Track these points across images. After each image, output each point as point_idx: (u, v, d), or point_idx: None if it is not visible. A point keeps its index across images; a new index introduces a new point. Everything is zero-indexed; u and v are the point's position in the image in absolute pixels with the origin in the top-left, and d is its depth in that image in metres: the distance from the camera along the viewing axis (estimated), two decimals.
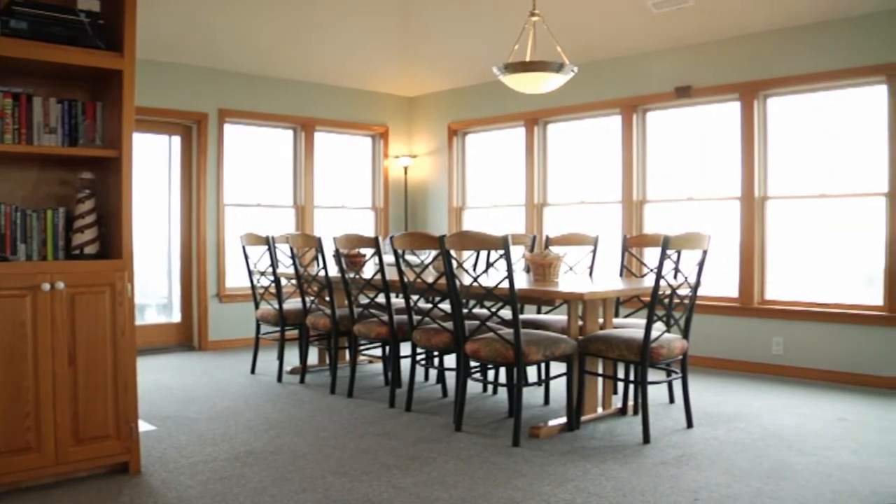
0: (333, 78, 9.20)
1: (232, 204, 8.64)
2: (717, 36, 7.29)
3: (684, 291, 5.12)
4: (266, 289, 6.80)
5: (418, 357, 5.70)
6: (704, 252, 4.99)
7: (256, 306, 6.99)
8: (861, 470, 4.22)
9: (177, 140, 8.40)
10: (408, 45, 8.75)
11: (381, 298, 5.78)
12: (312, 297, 6.53)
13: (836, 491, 3.88)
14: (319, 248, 6.20)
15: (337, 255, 5.99)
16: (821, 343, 6.72)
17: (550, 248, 6.41)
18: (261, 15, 7.67)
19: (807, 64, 6.84)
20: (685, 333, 5.09)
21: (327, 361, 6.95)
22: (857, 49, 6.57)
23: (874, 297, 6.58)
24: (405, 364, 6.84)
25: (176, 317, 8.46)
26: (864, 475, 4.13)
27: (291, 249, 6.39)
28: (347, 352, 6.67)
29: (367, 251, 6.11)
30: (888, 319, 6.41)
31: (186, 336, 8.43)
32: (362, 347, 6.37)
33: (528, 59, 5.93)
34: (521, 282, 5.25)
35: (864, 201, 6.66)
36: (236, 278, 8.41)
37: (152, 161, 8.27)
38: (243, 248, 6.93)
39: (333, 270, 6.24)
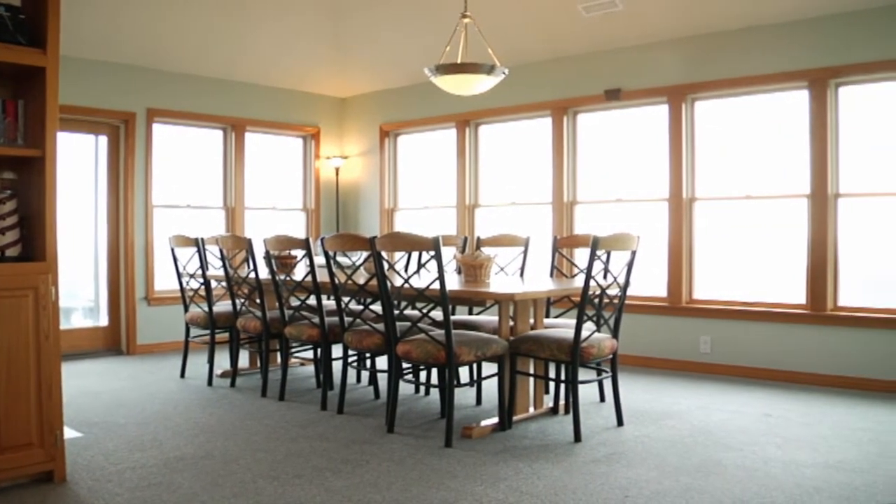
0: (265, 78, 9.12)
1: (161, 205, 8.50)
2: (646, 40, 7.40)
3: (614, 291, 5.18)
4: (196, 291, 6.72)
5: (350, 359, 5.67)
6: (633, 252, 5.06)
7: (186, 309, 6.89)
8: (785, 464, 4.33)
9: (104, 140, 8.22)
10: (340, 46, 8.71)
11: (312, 300, 5.75)
12: (243, 300, 6.47)
13: (762, 485, 3.97)
14: (250, 250, 6.14)
15: (267, 257, 5.94)
16: (747, 341, 6.87)
17: (482, 249, 6.44)
18: (191, 13, 7.57)
19: (733, 68, 6.98)
20: (615, 333, 5.15)
21: (258, 364, 6.89)
22: (782, 55, 6.74)
23: (797, 295, 6.75)
24: (337, 366, 6.81)
25: (103, 320, 8.28)
26: (788, 469, 4.24)
27: (221, 251, 6.31)
28: (279, 354, 6.63)
29: (298, 253, 6.06)
30: (810, 317, 6.59)
31: (114, 340, 8.27)
32: (294, 350, 6.31)
33: (459, 60, 5.94)
34: (453, 283, 5.26)
35: (788, 202, 6.82)
36: (165, 281, 8.27)
37: (78, 161, 8.09)
38: (172, 250, 6.82)
39: (264, 272, 6.18)
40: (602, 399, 5.85)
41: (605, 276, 5.29)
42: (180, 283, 6.81)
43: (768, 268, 6.99)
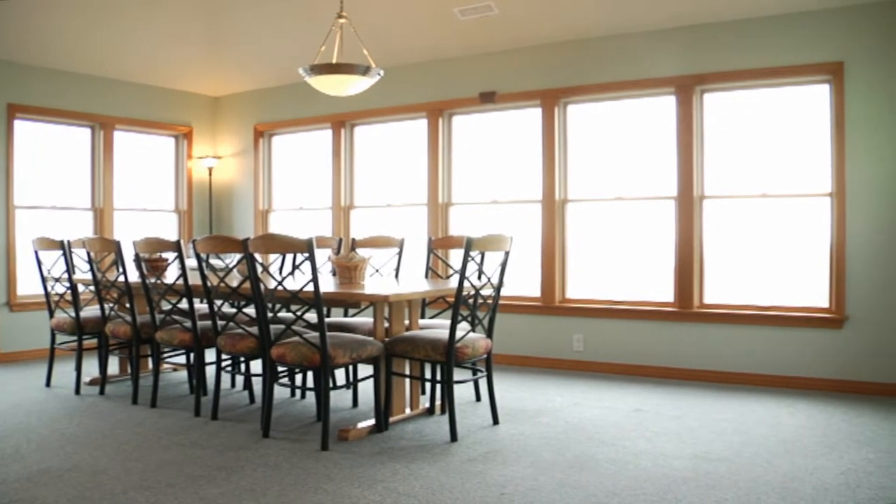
0: (135, 75, 8.86)
1: (23, 206, 8.15)
2: (520, 44, 7.52)
3: (488, 292, 5.25)
4: (61, 296, 6.48)
5: (224, 363, 5.58)
6: (507, 253, 5.13)
7: (51, 315, 6.63)
8: (655, 456, 4.48)
9: None
10: (213, 43, 8.53)
11: (184, 304, 5.63)
12: (112, 304, 6.27)
13: (633, 477, 4.10)
14: (119, 253, 5.96)
15: (137, 260, 5.78)
16: (618, 338, 7.07)
17: (356, 250, 6.42)
18: (58, 6, 7.29)
19: (602, 74, 7.18)
20: (489, 333, 5.22)
21: (129, 371, 6.70)
22: (650, 62, 6.98)
23: (666, 294, 6.97)
24: (210, 371, 6.67)
25: None
26: (657, 461, 4.39)
27: (89, 254, 6.11)
28: (150, 360, 6.46)
29: (170, 255, 5.93)
30: (678, 315, 6.83)
31: None
32: (165, 355, 6.16)
33: (334, 61, 5.91)
34: (327, 285, 5.23)
35: (656, 204, 7.05)
36: (29, 285, 7.94)
37: None
38: (36, 252, 6.56)
39: (134, 276, 6.01)
40: (478, 398, 5.91)
41: (479, 277, 5.35)
42: (45, 288, 6.56)
43: (638, 267, 7.20)
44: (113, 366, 6.99)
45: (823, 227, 6.41)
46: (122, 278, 5.93)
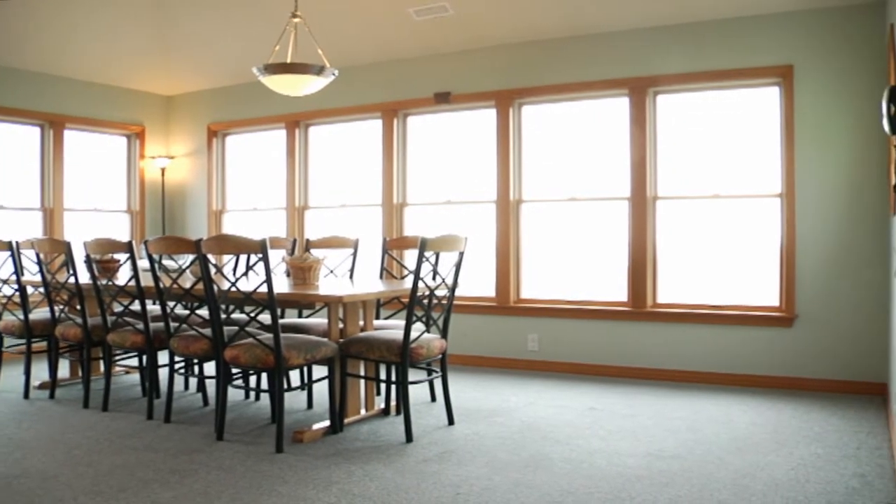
0: (85, 73, 8.73)
1: None
2: (475, 45, 7.54)
3: (443, 292, 5.25)
4: (10, 298, 6.37)
5: (177, 366, 5.52)
6: (461, 254, 5.14)
7: None
8: (609, 454, 4.51)
9: None
10: (165, 41, 8.43)
11: (136, 306, 5.56)
12: (62, 307, 6.18)
13: (587, 476, 4.13)
14: (69, 254, 5.87)
15: (88, 261, 5.70)
16: (573, 338, 7.12)
17: (311, 251, 6.40)
18: (4, 2, 7.16)
19: (558, 75, 7.22)
20: (444, 333, 5.22)
21: (80, 374, 6.61)
22: (603, 63, 7.04)
23: (620, 293, 7.03)
24: (163, 373, 6.60)
25: None
26: (611, 459, 4.43)
27: (38, 255, 6.02)
28: (101, 363, 6.37)
29: (122, 256, 5.85)
30: (632, 314, 6.89)
31: None
32: (117, 358, 6.08)
33: (289, 60, 5.88)
34: (281, 286, 5.20)
35: (610, 205, 7.10)
36: None
37: None
38: None
39: (85, 277, 5.93)
40: (433, 399, 5.92)
41: (433, 278, 5.35)
42: None
43: (593, 267, 7.25)
44: (63, 369, 6.90)
45: (774, 227, 6.51)
46: (72, 280, 5.84)
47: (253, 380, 6.09)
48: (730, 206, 6.69)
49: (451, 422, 5.25)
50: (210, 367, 6.50)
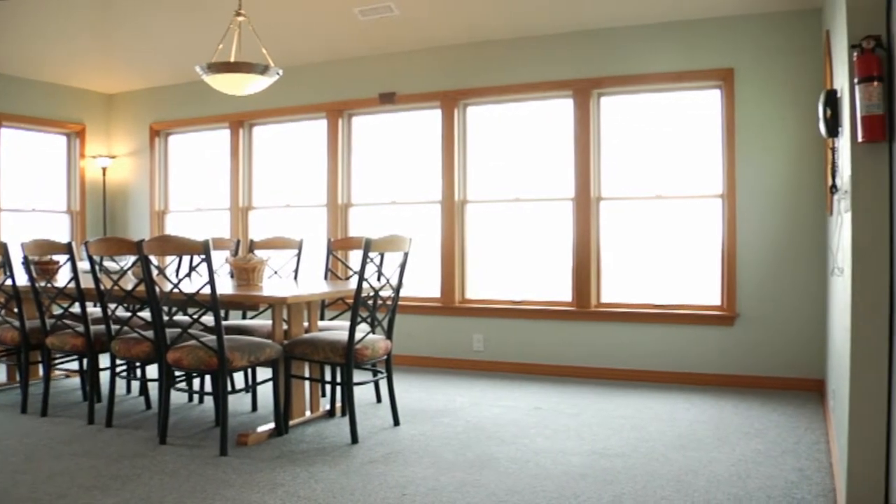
0: (24, 69, 8.54)
1: None
2: (420, 45, 7.54)
3: (388, 293, 5.25)
4: None
5: (118, 369, 5.44)
6: (406, 254, 5.14)
7: None
8: (554, 453, 4.55)
9: None
10: (106, 38, 8.28)
11: (76, 308, 5.47)
12: None
13: (533, 475, 4.16)
14: (6, 255, 5.75)
15: (26, 263, 5.59)
16: (518, 338, 7.15)
17: (255, 252, 6.35)
18: None
19: (503, 76, 7.25)
20: (389, 334, 5.22)
21: (17, 378, 6.47)
22: (548, 65, 7.08)
23: (564, 293, 7.08)
24: (104, 377, 6.49)
25: None
26: (556, 458, 4.46)
27: None
28: (40, 367, 6.24)
29: (61, 258, 5.75)
30: (576, 314, 6.95)
31: None
32: (57, 361, 5.98)
33: (232, 59, 5.83)
34: (225, 287, 5.16)
35: (555, 205, 7.15)
36: None
37: None
38: None
39: (23, 279, 5.81)
40: (378, 400, 5.91)
41: (378, 278, 5.34)
42: None
43: (538, 268, 7.29)
44: (0, 374, 6.74)
45: (715, 227, 6.61)
46: (9, 282, 5.72)
47: (196, 382, 6.03)
48: (672, 207, 6.78)
49: (396, 422, 5.25)
50: (152, 370, 6.44)
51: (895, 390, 3.14)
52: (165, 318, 4.85)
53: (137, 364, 5.86)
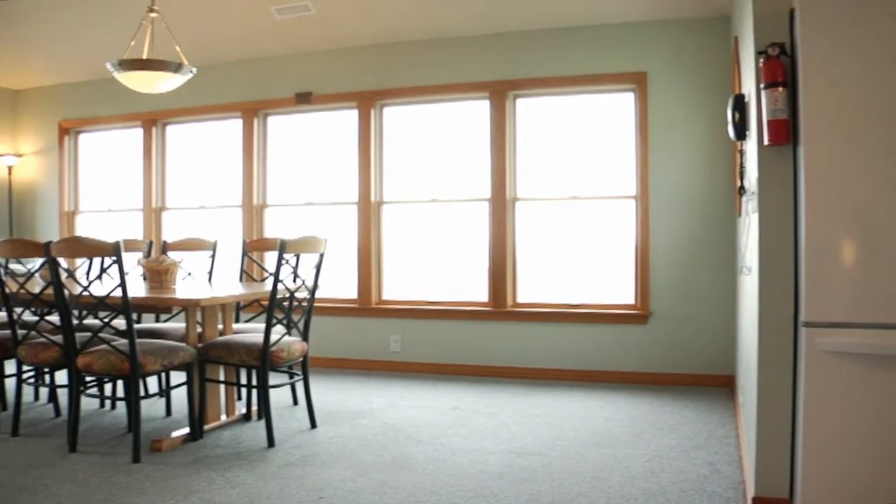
0: None
1: None
2: (337, 45, 7.50)
3: (303, 294, 5.21)
4: None
5: (25, 375, 5.29)
6: (321, 255, 5.12)
7: None
8: (472, 453, 4.58)
9: None
10: (14, 32, 8.04)
11: None
12: None
13: (451, 475, 4.18)
14: None
15: None
16: (435, 339, 7.17)
17: (168, 253, 6.24)
18: None
19: (420, 77, 7.27)
20: (305, 335, 5.19)
21: None
22: (465, 66, 7.12)
23: (481, 294, 7.13)
24: (10, 384, 6.31)
25: None
26: (474, 457, 4.49)
27: None
28: None
29: None
30: (492, 314, 7.01)
31: None
32: None
33: (145, 56, 5.72)
34: (137, 289, 5.06)
35: (471, 206, 7.20)
36: None
37: None
38: None
39: None
40: (295, 402, 5.87)
41: (294, 280, 5.30)
42: None
43: (454, 268, 7.33)
44: None
45: (629, 228, 6.73)
46: None
47: (108, 387, 5.89)
48: (587, 208, 6.88)
49: (313, 425, 5.22)
50: (62, 376, 6.27)
51: (800, 385, 3.24)
52: (75, 321, 4.73)
53: (46, 370, 5.69)
